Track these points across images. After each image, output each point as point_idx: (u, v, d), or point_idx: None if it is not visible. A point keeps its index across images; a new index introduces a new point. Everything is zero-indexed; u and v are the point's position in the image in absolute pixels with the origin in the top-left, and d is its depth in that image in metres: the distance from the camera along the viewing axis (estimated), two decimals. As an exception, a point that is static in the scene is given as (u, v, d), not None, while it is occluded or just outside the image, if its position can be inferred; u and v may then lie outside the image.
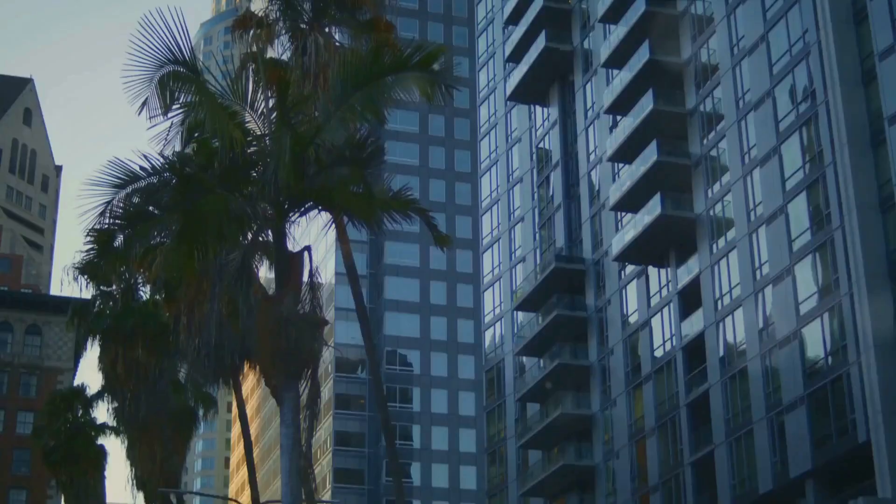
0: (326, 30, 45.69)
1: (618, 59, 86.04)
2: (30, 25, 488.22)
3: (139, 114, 26.30)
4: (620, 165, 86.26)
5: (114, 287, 63.01)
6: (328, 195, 26.81)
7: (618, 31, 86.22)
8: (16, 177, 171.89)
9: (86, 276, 58.44)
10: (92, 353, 67.63)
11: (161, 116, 26.47)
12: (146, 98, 26.39)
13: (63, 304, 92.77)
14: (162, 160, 26.50)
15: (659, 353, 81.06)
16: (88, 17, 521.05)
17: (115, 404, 62.20)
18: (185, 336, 48.30)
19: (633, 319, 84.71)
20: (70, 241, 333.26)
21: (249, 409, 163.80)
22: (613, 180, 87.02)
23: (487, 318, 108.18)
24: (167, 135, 26.82)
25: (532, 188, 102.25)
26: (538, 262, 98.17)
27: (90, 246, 27.31)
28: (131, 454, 61.03)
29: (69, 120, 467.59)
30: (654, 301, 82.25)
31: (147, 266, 43.88)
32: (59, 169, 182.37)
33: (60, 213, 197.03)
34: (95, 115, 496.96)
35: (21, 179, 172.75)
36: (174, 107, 26.48)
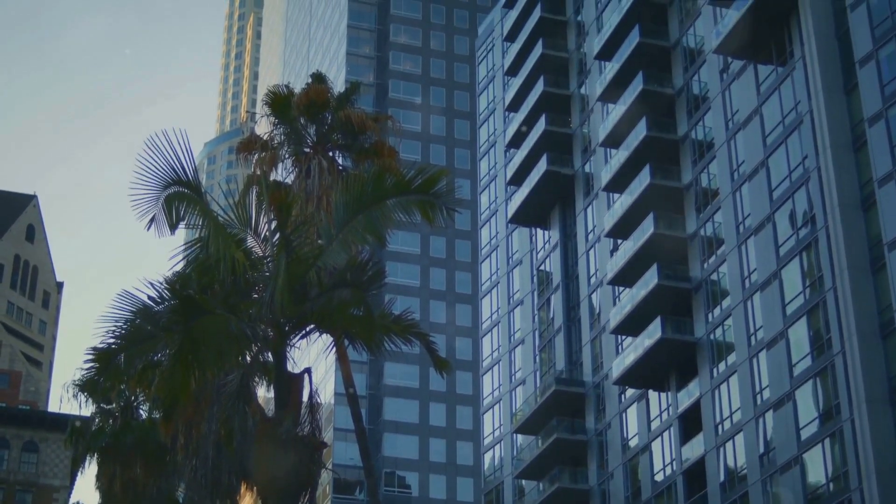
0: (330, 154, 46.07)
1: (619, 183, 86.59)
2: (34, 143, 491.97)
3: (148, 230, 26.61)
4: (621, 289, 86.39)
5: (113, 405, 62.78)
6: (329, 318, 26.84)
7: (619, 156, 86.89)
8: (17, 293, 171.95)
9: (85, 394, 58.27)
10: (89, 471, 67.20)
11: (169, 233, 26.79)
12: (154, 216, 26.68)
13: (61, 421, 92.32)
14: (163, 282, 26.61)
15: (659, 477, 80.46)
16: (92, 134, 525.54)
17: (112, 523, 61.52)
18: (183, 456, 47.98)
19: (633, 443, 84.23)
20: (70, 358, 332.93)
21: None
22: (614, 303, 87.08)
23: (487, 441, 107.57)
24: (183, 271, 27.14)
25: (532, 310, 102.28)
26: (538, 384, 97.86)
27: (90, 364, 27.31)
28: (126, 575, 60.23)
29: (71, 235, 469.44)
30: (655, 425, 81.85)
31: (145, 385, 43.76)
32: (60, 285, 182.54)
33: (60, 329, 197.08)
34: (97, 231, 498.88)
35: (22, 295, 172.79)
36: (181, 236, 26.77)
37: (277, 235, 27.09)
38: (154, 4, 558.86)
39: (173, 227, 26.87)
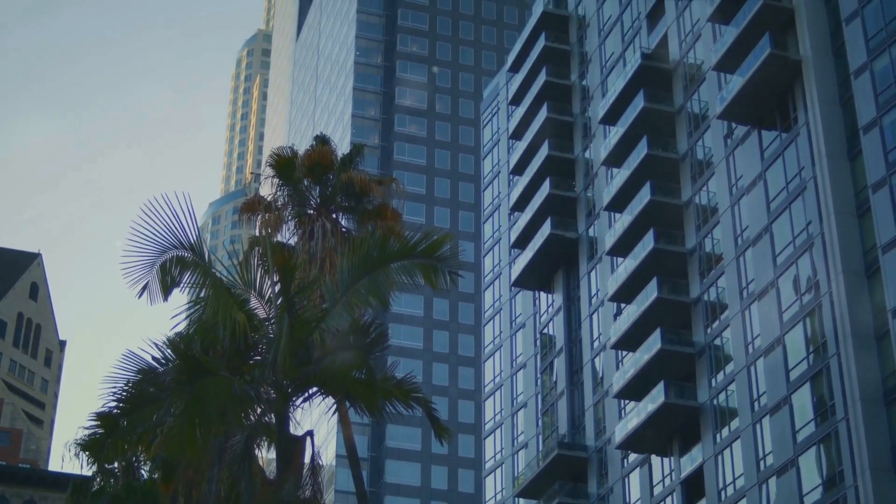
0: (333, 216, 46.11)
1: (623, 248, 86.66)
2: (39, 202, 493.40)
3: (139, 297, 26.53)
4: (624, 353, 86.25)
5: (115, 465, 62.45)
6: (331, 380, 26.81)
7: (623, 220, 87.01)
8: (19, 350, 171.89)
9: (88, 454, 57.99)
10: (89, 531, 66.70)
11: (162, 302, 26.73)
12: (147, 283, 26.66)
13: (61, 479, 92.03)
14: (167, 342, 26.57)
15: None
16: (96, 193, 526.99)
17: (110, 585, 61.04)
18: (183, 517, 47.68)
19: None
20: (71, 416, 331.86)
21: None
22: (617, 368, 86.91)
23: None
24: (186, 330, 27.08)
25: (535, 374, 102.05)
26: (540, 448, 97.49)
27: (94, 430, 27.25)
28: None
29: (75, 293, 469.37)
30: (657, 490, 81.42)
31: (146, 445, 43.53)
32: (62, 344, 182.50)
33: (62, 387, 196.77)
34: (101, 289, 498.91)
35: (24, 353, 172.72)
36: (184, 296, 26.72)
37: (281, 297, 27.07)
38: (161, 65, 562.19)
39: (166, 294, 26.82)
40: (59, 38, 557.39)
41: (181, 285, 26.84)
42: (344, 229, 46.05)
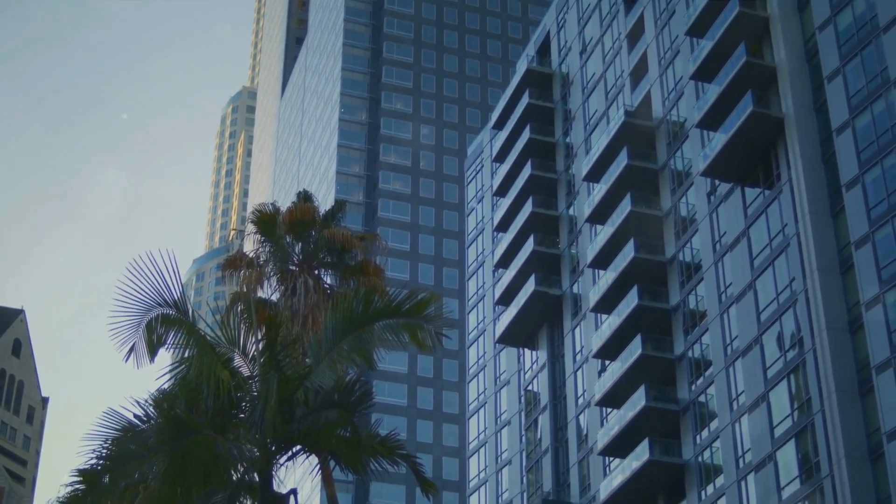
0: (315, 272, 46.07)
1: (607, 305, 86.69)
2: (23, 256, 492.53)
3: (126, 361, 26.38)
4: (609, 410, 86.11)
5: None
6: (315, 439, 26.66)
7: (607, 277, 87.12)
8: (1, 407, 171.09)
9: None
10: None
11: (149, 363, 26.61)
12: (133, 344, 26.54)
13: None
14: (150, 401, 26.42)
15: None
16: (82, 251, 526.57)
17: None
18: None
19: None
20: (54, 474, 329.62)
21: None
22: (601, 425, 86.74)
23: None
24: (171, 389, 26.95)
25: (520, 431, 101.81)
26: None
27: (76, 487, 27.05)
28: None
29: (57, 349, 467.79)
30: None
31: (127, 502, 43.24)
32: (45, 401, 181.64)
33: (45, 445, 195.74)
34: (84, 345, 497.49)
35: (6, 410, 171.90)
36: (170, 356, 26.59)
37: (265, 355, 26.95)
38: (146, 121, 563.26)
39: (153, 355, 26.70)
40: (37, 87, 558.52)
41: (167, 344, 26.71)
42: (326, 286, 46.00)
